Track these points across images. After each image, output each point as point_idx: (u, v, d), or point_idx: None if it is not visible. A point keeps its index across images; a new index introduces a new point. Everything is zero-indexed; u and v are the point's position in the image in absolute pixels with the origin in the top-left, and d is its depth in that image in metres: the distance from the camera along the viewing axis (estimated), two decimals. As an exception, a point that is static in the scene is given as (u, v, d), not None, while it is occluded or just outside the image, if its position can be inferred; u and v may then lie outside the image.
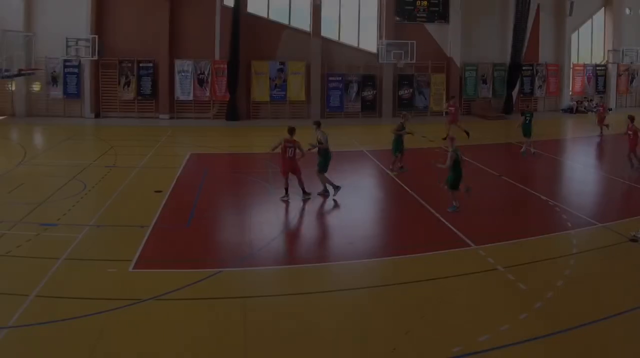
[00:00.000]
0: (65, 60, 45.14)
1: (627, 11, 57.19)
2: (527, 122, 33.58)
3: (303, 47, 48.34)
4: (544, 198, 23.57)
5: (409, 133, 28.14)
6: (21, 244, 17.31)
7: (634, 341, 12.26)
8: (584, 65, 56.63)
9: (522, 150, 33.34)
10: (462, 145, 22.86)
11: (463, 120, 43.05)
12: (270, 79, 47.80)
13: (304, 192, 23.14)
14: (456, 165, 21.33)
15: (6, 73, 27.71)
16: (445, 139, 34.21)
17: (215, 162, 31.59)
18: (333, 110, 48.90)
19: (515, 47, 51.56)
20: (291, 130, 22.66)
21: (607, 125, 39.90)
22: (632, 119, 30.37)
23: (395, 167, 28.30)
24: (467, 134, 38.23)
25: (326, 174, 23.61)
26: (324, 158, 23.43)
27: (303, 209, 22.46)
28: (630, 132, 29.87)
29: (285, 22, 48.98)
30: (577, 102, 55.50)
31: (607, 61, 57.16)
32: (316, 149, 23.58)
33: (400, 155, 28.05)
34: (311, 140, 23.87)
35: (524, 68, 53.01)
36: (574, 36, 56.20)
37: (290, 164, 22.66)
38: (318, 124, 24.20)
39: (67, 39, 43.75)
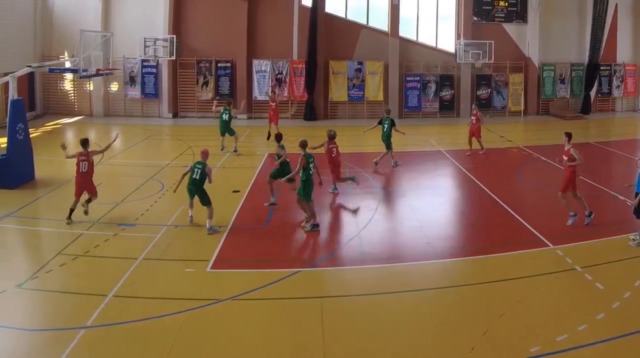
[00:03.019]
0: (143, 60, 42.86)
1: None
2: (384, 130, 27.98)
3: (381, 47, 45.45)
4: (622, 198, 22.34)
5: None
6: (99, 244, 17.03)
7: None
8: (663, 66, 51.92)
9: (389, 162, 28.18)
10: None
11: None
12: (348, 78, 45.00)
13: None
14: (192, 178, 18.85)
15: (84, 73, 25.76)
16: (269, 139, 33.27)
17: (293, 162, 29.07)
18: (411, 109, 45.90)
19: (593, 47, 47.77)
20: (85, 142, 19.58)
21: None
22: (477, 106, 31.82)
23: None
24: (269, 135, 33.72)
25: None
26: (304, 184, 19.09)
27: (380, 209, 21.59)
28: (473, 118, 30.77)
29: (363, 21, 46.17)
30: (654, 102, 50.86)
31: (685, 61, 52.46)
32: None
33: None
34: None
35: (601, 68, 48.86)
36: (653, 36, 51.68)
37: (83, 179, 19.42)
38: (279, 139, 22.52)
39: (145, 39, 41.43)
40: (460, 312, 13.20)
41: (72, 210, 19.08)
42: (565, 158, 19.34)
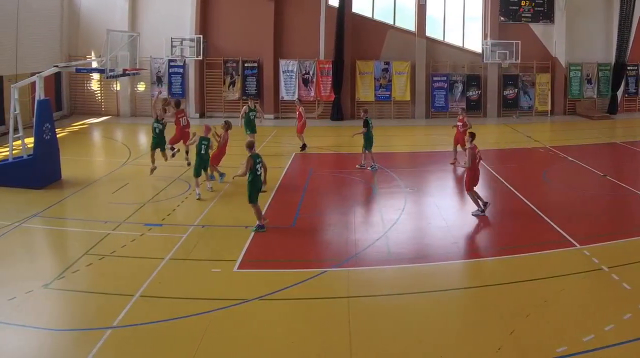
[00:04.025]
0: (170, 60, 42.99)
1: None
2: (371, 131, 26.74)
3: (408, 47, 45.17)
4: (649, 197, 22.27)
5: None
6: (126, 244, 16.99)
7: None
8: (691, 65, 51.00)
9: (372, 165, 27.06)
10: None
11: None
12: (374, 78, 44.80)
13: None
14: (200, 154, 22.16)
15: (111, 73, 25.60)
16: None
17: (319, 162, 30.28)
18: (438, 110, 45.60)
19: (619, 47, 47.13)
20: (178, 103, 26.85)
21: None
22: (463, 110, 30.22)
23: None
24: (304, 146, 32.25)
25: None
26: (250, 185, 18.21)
27: (407, 209, 21.25)
28: (459, 124, 28.12)
29: (390, 22, 45.90)
30: (682, 103, 49.86)
31: None
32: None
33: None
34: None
35: (628, 68, 48.05)
36: (680, 36, 50.73)
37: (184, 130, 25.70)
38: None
39: (171, 39, 41.63)
40: (486, 312, 13.06)
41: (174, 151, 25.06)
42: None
